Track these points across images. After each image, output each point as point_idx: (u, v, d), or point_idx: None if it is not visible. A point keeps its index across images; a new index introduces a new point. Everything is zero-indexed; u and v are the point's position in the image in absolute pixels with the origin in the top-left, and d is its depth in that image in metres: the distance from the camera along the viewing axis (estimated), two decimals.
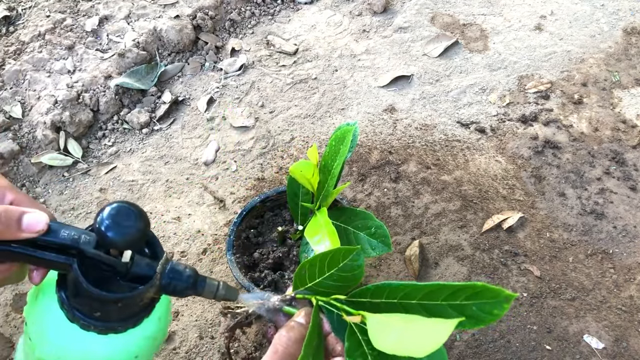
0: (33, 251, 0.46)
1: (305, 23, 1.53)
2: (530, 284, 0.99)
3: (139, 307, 0.50)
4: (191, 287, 0.50)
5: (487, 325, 0.40)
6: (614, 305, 0.97)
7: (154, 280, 0.48)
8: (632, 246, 1.05)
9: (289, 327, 0.47)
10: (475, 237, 1.06)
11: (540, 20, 1.54)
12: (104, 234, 0.45)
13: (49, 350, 0.51)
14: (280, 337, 0.46)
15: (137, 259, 0.48)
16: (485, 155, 1.21)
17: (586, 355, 0.91)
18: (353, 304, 0.48)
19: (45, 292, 0.52)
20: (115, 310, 0.48)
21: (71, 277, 0.47)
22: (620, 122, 1.28)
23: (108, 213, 0.46)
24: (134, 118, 1.27)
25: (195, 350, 0.91)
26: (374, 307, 0.46)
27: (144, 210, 0.48)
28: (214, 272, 1.01)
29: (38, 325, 0.52)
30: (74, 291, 0.48)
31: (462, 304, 0.40)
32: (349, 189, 1.14)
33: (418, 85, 1.37)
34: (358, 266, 0.48)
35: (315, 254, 0.49)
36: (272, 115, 1.30)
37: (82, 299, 0.48)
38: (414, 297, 0.43)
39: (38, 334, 0.51)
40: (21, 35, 1.39)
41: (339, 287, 0.49)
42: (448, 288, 0.41)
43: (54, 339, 0.50)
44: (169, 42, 1.40)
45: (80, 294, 0.47)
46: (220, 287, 0.51)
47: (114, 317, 0.49)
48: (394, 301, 0.45)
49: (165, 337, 0.60)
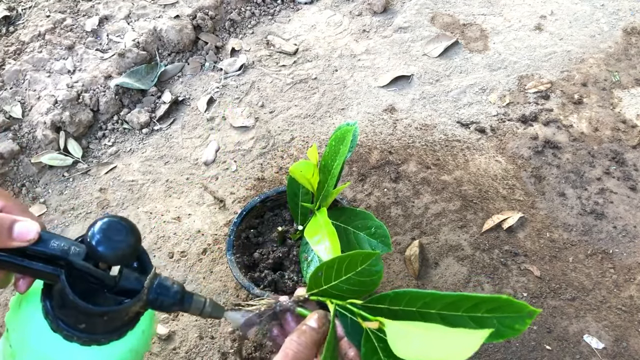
0: (21, 260, 0.46)
1: (305, 23, 1.53)
2: (530, 284, 0.99)
3: (124, 320, 0.49)
4: (178, 303, 0.49)
5: (505, 339, 0.39)
6: (614, 305, 0.97)
7: (141, 295, 0.47)
8: (632, 246, 1.05)
9: (300, 331, 0.46)
10: (475, 237, 1.06)
11: (540, 20, 1.54)
12: (94, 248, 0.45)
13: (30, 358, 0.50)
14: (291, 341, 0.46)
15: (126, 273, 0.48)
16: (485, 155, 1.21)
17: (586, 355, 0.91)
18: (370, 310, 0.47)
19: (30, 301, 0.51)
20: (100, 323, 0.48)
21: (57, 288, 0.47)
22: (620, 122, 1.28)
23: (100, 227, 0.46)
24: (134, 118, 1.27)
25: (195, 350, 0.91)
26: (391, 313, 0.45)
27: (136, 225, 0.48)
28: (214, 272, 1.01)
29: (20, 333, 0.51)
30: (60, 302, 0.48)
31: (483, 316, 0.39)
32: (349, 189, 1.14)
33: (418, 85, 1.37)
34: (376, 271, 0.47)
35: (332, 257, 0.48)
36: (272, 115, 1.30)
37: (68, 310, 0.47)
38: (433, 307, 0.42)
39: (19, 342, 0.51)
40: (21, 35, 1.39)
41: (354, 291, 0.48)
42: (470, 299, 0.40)
43: (36, 347, 0.50)
44: (169, 42, 1.40)
45: (66, 305, 0.47)
46: (207, 305, 0.51)
47: (99, 330, 0.48)
48: (412, 309, 0.44)
49: (148, 349, 0.59)
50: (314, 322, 0.47)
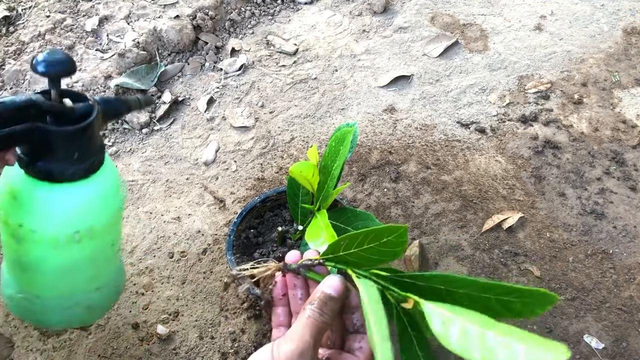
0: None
1: (305, 23, 1.53)
2: (531, 284, 0.99)
3: (93, 147, 0.61)
4: (122, 103, 0.64)
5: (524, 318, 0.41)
6: (614, 305, 0.97)
7: (95, 109, 0.58)
8: (632, 246, 1.05)
9: (322, 301, 0.43)
10: (475, 237, 1.06)
11: (540, 20, 1.54)
12: (38, 65, 0.54)
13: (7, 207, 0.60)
14: (313, 311, 0.43)
15: (76, 104, 0.59)
16: (485, 155, 1.21)
17: (586, 355, 0.91)
18: (395, 283, 0.45)
19: (6, 175, 0.61)
20: (73, 150, 0.58)
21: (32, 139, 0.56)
22: (620, 122, 1.28)
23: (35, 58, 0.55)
24: (133, 118, 1.27)
25: (195, 351, 0.91)
26: (417, 289, 0.44)
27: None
28: (214, 272, 1.01)
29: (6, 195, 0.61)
30: (34, 149, 0.57)
31: (510, 300, 0.40)
32: (349, 189, 1.14)
33: (418, 85, 1.37)
34: (402, 242, 0.45)
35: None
36: (272, 115, 1.30)
37: (43, 150, 0.57)
38: (464, 288, 0.42)
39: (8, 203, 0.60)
40: (21, 35, 1.39)
41: (372, 260, 0.47)
42: (504, 288, 0.41)
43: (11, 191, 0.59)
44: (169, 42, 1.40)
45: (42, 146, 0.56)
46: (140, 99, 0.66)
47: (73, 160, 0.58)
48: (440, 287, 0.43)
49: (120, 206, 0.68)
50: (334, 290, 0.44)
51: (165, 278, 1.00)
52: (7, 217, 0.62)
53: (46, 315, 0.73)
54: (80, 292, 0.72)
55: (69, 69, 0.56)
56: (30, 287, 0.69)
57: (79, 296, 0.72)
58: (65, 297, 0.72)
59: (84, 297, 0.73)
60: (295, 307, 0.50)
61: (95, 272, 0.71)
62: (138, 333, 0.92)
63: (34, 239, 0.62)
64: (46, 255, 0.64)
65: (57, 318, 0.74)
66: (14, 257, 0.67)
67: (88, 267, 0.69)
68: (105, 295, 0.77)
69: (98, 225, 0.64)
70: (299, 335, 0.42)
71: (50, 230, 0.61)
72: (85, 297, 0.73)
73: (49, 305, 0.72)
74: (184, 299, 0.97)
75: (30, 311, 0.73)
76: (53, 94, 0.57)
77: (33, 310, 0.72)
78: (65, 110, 0.56)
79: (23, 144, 0.56)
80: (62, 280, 0.69)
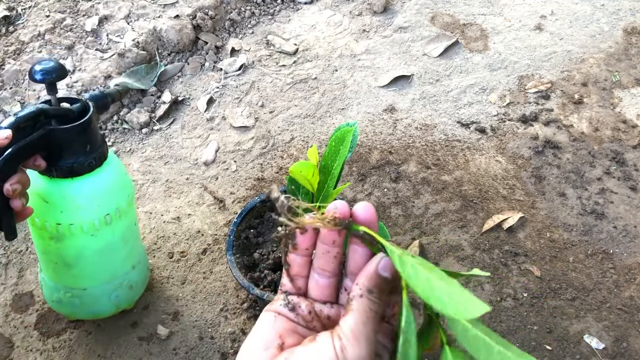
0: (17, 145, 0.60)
1: (305, 23, 1.53)
2: (531, 284, 0.99)
3: (100, 139, 0.70)
4: (106, 95, 0.75)
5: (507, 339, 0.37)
6: (615, 305, 0.97)
7: (89, 105, 0.68)
8: (633, 246, 1.05)
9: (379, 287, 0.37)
10: (476, 237, 1.06)
11: (540, 20, 1.54)
12: (35, 76, 0.65)
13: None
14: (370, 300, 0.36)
15: (72, 105, 0.68)
16: (485, 155, 1.21)
17: (586, 355, 0.91)
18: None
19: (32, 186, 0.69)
20: (82, 145, 0.67)
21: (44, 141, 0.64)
22: (621, 122, 1.28)
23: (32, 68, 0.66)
24: (133, 118, 1.27)
25: (195, 351, 0.91)
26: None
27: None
28: (214, 272, 1.01)
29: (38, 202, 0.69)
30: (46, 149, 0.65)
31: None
32: (349, 189, 1.14)
33: (418, 85, 1.37)
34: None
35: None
36: (272, 115, 1.30)
37: (53, 150, 0.65)
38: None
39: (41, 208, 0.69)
40: (21, 35, 1.39)
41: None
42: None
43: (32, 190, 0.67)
44: (168, 42, 1.40)
45: (52, 146, 0.65)
46: (118, 88, 0.79)
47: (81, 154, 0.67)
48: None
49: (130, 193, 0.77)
50: (390, 273, 0.37)
51: (165, 278, 1.00)
52: (44, 222, 0.70)
53: (97, 305, 0.83)
54: (120, 274, 0.82)
55: (61, 75, 0.65)
56: (77, 282, 0.79)
57: (120, 278, 0.82)
58: (109, 282, 0.81)
59: (125, 277, 0.83)
60: (323, 264, 0.42)
61: (129, 251, 0.81)
62: (138, 333, 0.92)
63: (73, 231, 0.71)
64: (86, 243, 0.73)
65: (107, 304, 0.83)
66: (56, 258, 0.75)
67: (122, 247, 0.79)
68: (141, 272, 0.88)
69: (123, 204, 0.75)
70: (364, 336, 0.35)
71: (86, 219, 0.70)
72: (126, 277, 0.83)
73: (97, 294, 0.81)
74: (183, 299, 0.97)
75: (81, 307, 0.82)
76: (53, 100, 0.66)
77: (83, 304, 0.82)
78: (67, 112, 0.65)
79: (43, 148, 0.64)
80: (103, 266, 0.79)
